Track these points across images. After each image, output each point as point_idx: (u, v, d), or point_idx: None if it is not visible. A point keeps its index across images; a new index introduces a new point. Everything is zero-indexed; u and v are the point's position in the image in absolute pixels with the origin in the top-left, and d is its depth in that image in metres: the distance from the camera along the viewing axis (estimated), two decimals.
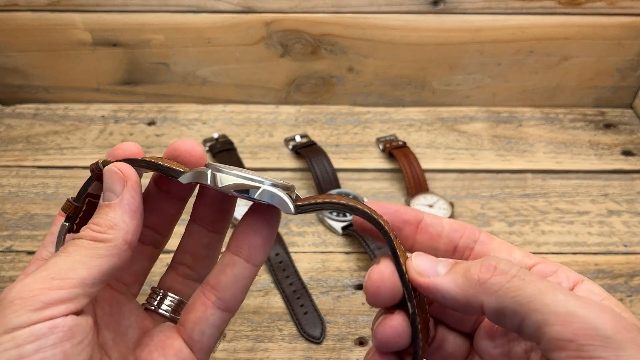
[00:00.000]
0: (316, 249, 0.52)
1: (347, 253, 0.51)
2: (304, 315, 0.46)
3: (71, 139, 0.64)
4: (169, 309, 0.29)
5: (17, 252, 0.51)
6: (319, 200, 0.25)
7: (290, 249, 0.51)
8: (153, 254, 0.31)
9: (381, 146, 0.63)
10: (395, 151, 0.60)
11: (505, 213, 0.55)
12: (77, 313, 0.22)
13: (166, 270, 0.31)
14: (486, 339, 0.26)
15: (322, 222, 0.54)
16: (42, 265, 0.23)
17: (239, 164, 0.59)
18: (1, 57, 0.66)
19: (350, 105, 0.69)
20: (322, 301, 0.47)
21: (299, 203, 0.25)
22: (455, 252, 0.27)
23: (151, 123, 0.67)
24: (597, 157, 0.62)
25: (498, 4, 0.61)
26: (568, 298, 0.21)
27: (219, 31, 0.64)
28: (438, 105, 0.69)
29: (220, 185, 0.25)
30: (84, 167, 0.60)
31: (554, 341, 0.20)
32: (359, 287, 0.49)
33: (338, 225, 0.53)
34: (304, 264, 0.50)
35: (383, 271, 0.24)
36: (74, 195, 0.28)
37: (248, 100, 0.69)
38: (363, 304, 0.47)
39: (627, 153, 0.63)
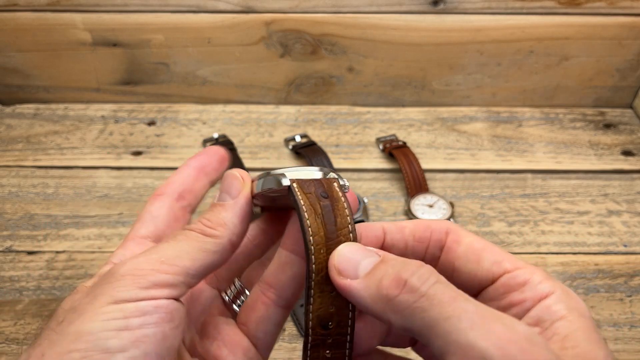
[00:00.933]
0: None
1: None
2: (305, 315, 0.46)
3: (71, 139, 0.64)
4: (231, 300, 0.30)
5: (17, 252, 0.51)
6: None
7: None
8: (252, 253, 0.30)
9: (381, 146, 0.63)
10: (395, 151, 0.60)
11: (505, 213, 0.55)
12: (176, 299, 0.23)
13: (254, 263, 0.30)
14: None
15: None
16: (153, 247, 0.24)
17: (239, 164, 0.59)
18: (1, 57, 0.66)
19: (350, 105, 0.69)
20: None
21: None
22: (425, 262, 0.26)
23: (151, 123, 0.67)
24: (597, 157, 0.62)
25: (498, 4, 0.61)
26: (472, 327, 0.19)
27: (219, 31, 0.64)
28: (438, 105, 0.69)
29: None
30: (84, 167, 0.60)
31: None
32: None
33: None
34: None
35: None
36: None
37: (248, 100, 0.69)
38: None
39: (627, 153, 0.63)
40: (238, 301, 0.29)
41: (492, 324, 0.19)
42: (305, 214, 0.23)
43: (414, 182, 0.57)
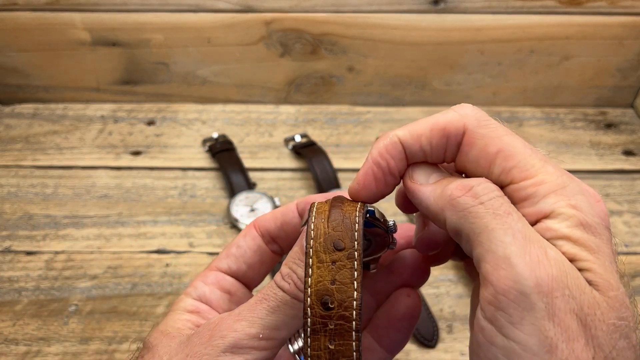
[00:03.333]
0: None
1: None
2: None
3: (70, 138, 0.64)
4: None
5: (16, 252, 0.51)
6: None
7: None
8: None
9: None
10: None
11: None
12: None
13: None
14: None
15: None
16: (251, 311, 0.24)
17: (238, 164, 0.59)
18: (0, 57, 0.66)
19: (350, 105, 0.69)
20: None
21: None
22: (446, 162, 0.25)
23: (150, 123, 0.66)
24: (598, 157, 0.62)
25: (499, 4, 0.61)
26: (513, 243, 0.20)
27: (218, 31, 0.63)
28: (438, 104, 0.69)
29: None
30: (83, 167, 0.60)
31: (482, 279, 0.20)
32: None
33: None
34: None
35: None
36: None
37: (248, 100, 0.69)
38: None
39: (628, 153, 0.63)
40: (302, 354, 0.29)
41: (531, 245, 0.20)
42: (314, 209, 0.23)
43: None
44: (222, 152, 0.60)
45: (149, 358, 0.24)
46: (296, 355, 0.28)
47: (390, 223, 0.25)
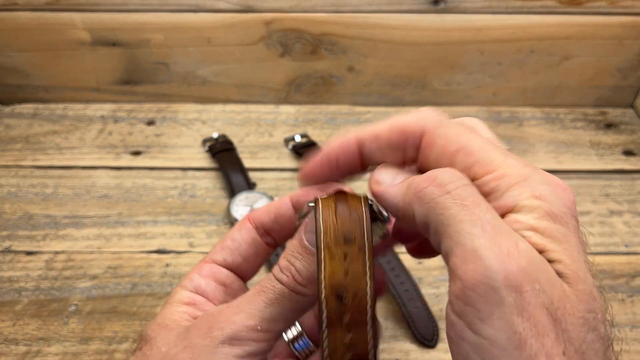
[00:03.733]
0: None
1: None
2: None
3: (70, 138, 0.64)
4: (299, 349, 0.30)
5: (16, 252, 0.51)
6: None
7: None
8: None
9: None
10: None
11: None
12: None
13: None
14: None
15: None
16: (248, 302, 0.24)
17: (238, 164, 0.59)
18: (0, 57, 0.66)
19: (350, 105, 0.69)
20: None
21: None
22: (406, 164, 0.25)
23: (150, 123, 0.66)
24: (598, 157, 0.62)
25: (499, 4, 0.61)
26: (482, 235, 0.19)
27: (218, 31, 0.63)
28: (438, 104, 0.69)
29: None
30: (83, 167, 0.60)
31: (451, 272, 0.20)
32: None
33: None
34: None
35: None
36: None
37: (248, 100, 0.69)
38: None
39: (628, 153, 0.63)
40: (297, 343, 0.30)
41: (500, 237, 0.19)
42: (319, 204, 0.24)
43: None
44: (222, 152, 0.60)
45: (148, 350, 0.24)
46: (290, 344, 0.29)
47: (385, 214, 0.25)
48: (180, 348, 0.23)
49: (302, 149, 0.60)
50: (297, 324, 0.30)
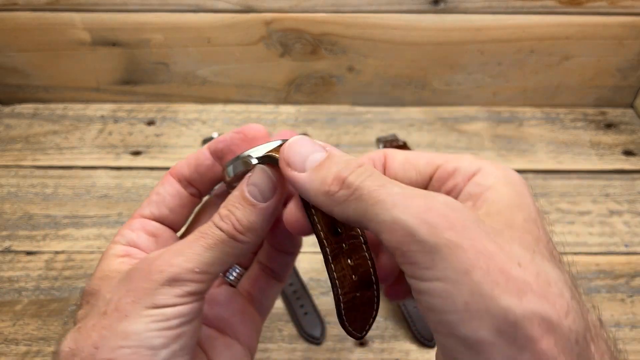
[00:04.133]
0: (316, 249, 0.51)
1: None
2: (304, 315, 0.45)
3: (70, 138, 0.64)
4: (233, 278, 0.32)
5: (16, 252, 0.51)
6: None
7: None
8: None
9: (381, 146, 0.62)
10: None
11: None
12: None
13: None
14: None
15: None
16: (188, 245, 0.25)
17: None
18: (0, 57, 0.66)
19: (350, 105, 0.69)
20: (322, 302, 0.47)
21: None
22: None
23: (150, 123, 0.66)
24: (598, 157, 0.62)
25: (499, 4, 0.61)
26: (395, 205, 0.21)
27: (218, 31, 0.63)
28: (438, 104, 0.69)
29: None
30: (83, 167, 0.60)
31: (387, 248, 0.21)
32: None
33: None
34: (304, 264, 0.50)
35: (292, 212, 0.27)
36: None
37: (248, 100, 0.69)
38: None
39: (628, 153, 0.63)
40: (229, 273, 0.32)
41: (413, 200, 0.21)
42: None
43: None
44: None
45: (94, 301, 0.25)
46: (223, 275, 0.32)
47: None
48: (123, 292, 0.24)
49: None
50: None
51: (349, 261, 0.25)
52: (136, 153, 0.62)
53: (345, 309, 0.25)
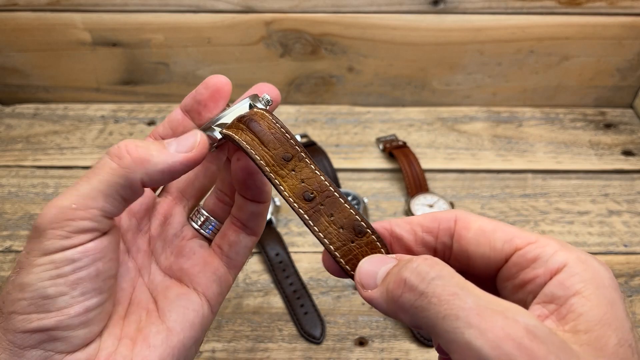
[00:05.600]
0: (316, 249, 0.52)
1: None
2: (304, 315, 0.46)
3: (71, 138, 0.64)
4: (209, 232, 0.32)
5: (17, 252, 0.51)
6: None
7: (290, 249, 0.51)
8: (214, 175, 0.33)
9: (381, 146, 0.63)
10: (395, 151, 0.60)
11: (505, 213, 0.55)
12: (106, 232, 0.25)
13: (209, 194, 0.33)
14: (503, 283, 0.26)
15: None
16: (71, 187, 0.25)
17: None
18: (1, 57, 0.66)
19: (350, 105, 0.69)
20: (322, 301, 0.47)
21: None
22: (436, 253, 0.26)
23: (151, 123, 0.66)
24: (598, 157, 0.62)
25: (498, 4, 0.61)
26: (468, 325, 0.19)
27: (218, 31, 0.63)
28: (438, 105, 0.69)
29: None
30: (84, 167, 0.60)
31: None
32: None
33: None
34: (304, 264, 0.50)
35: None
36: None
37: None
38: (363, 304, 0.47)
39: (627, 153, 0.63)
40: (205, 228, 0.32)
41: (490, 320, 0.19)
42: (244, 144, 0.26)
43: (414, 182, 0.57)
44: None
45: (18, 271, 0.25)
46: (200, 230, 0.32)
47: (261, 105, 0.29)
48: (31, 246, 0.24)
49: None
50: (202, 210, 0.32)
51: (330, 217, 0.26)
52: None
53: (346, 261, 0.26)
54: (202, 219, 0.32)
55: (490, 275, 0.24)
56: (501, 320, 0.19)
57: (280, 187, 0.26)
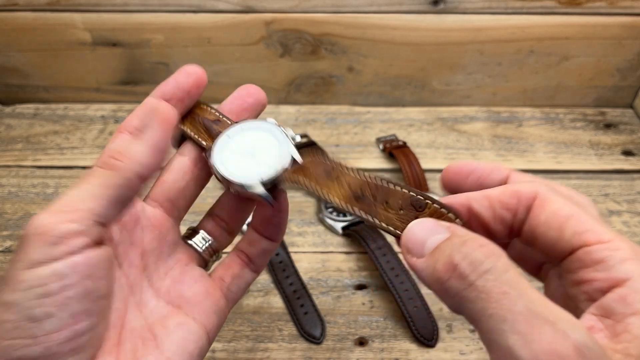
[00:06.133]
0: (316, 249, 0.52)
1: (347, 253, 0.51)
2: (304, 315, 0.46)
3: (71, 138, 0.64)
4: (205, 250, 0.31)
5: None
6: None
7: (290, 249, 0.51)
8: (204, 182, 0.32)
9: (381, 146, 0.63)
10: (395, 151, 0.60)
11: None
12: (98, 243, 0.23)
13: (205, 216, 0.33)
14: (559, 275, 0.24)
15: (322, 222, 0.54)
16: (58, 198, 0.23)
17: None
18: (1, 57, 0.66)
19: (350, 105, 0.69)
20: (322, 301, 0.47)
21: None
22: (512, 231, 0.24)
23: None
24: (598, 157, 0.62)
25: (498, 4, 0.61)
26: (514, 330, 0.18)
27: (219, 31, 0.63)
28: (438, 105, 0.69)
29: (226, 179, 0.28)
30: (84, 167, 0.60)
31: None
32: (359, 287, 0.49)
33: (338, 225, 0.53)
34: (304, 264, 0.50)
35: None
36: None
37: None
38: (363, 304, 0.47)
39: (627, 153, 0.63)
40: (202, 247, 0.31)
41: (538, 330, 0.18)
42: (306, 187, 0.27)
43: (414, 182, 0.57)
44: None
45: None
46: (198, 249, 0.31)
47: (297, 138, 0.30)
48: (16, 257, 0.22)
49: (302, 149, 0.60)
50: (201, 232, 0.31)
51: (386, 204, 0.25)
52: None
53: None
54: (200, 238, 0.31)
55: (554, 261, 0.23)
56: (550, 333, 0.17)
57: (329, 196, 0.26)
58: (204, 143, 0.30)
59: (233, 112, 0.32)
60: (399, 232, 0.24)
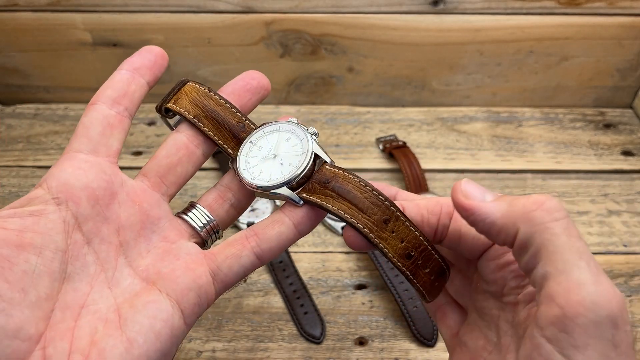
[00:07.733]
0: (316, 249, 0.52)
1: (347, 253, 0.51)
2: (304, 315, 0.46)
3: None
4: (203, 226, 0.29)
5: None
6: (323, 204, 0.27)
7: (290, 249, 0.51)
8: (199, 161, 0.31)
9: (381, 146, 0.63)
10: (395, 151, 0.60)
11: None
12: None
13: (210, 189, 0.31)
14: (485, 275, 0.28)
15: (322, 222, 0.54)
16: None
17: None
18: (1, 57, 0.66)
19: (350, 105, 0.69)
20: (322, 301, 0.47)
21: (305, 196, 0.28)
22: (436, 234, 0.28)
23: (151, 123, 0.67)
24: (597, 157, 0.62)
25: (498, 4, 0.61)
26: (588, 268, 0.21)
27: (219, 31, 0.64)
28: (438, 105, 0.69)
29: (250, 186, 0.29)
30: None
31: (546, 297, 0.21)
32: (359, 287, 0.49)
33: (338, 225, 0.53)
34: (304, 264, 0.50)
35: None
36: None
37: None
38: (363, 304, 0.47)
39: (626, 153, 0.63)
40: (199, 221, 0.29)
41: (602, 276, 0.21)
42: (348, 217, 0.27)
43: (414, 182, 0.57)
44: (223, 152, 0.60)
45: None
46: (194, 225, 0.30)
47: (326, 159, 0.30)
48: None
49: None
50: (198, 206, 0.30)
51: (426, 270, 0.27)
52: (137, 153, 0.62)
53: (428, 294, 0.28)
54: (197, 213, 0.29)
55: (476, 254, 0.27)
56: (607, 281, 0.21)
57: (385, 250, 0.26)
58: (230, 151, 0.31)
59: (235, 93, 0.33)
60: (426, 297, 0.28)
